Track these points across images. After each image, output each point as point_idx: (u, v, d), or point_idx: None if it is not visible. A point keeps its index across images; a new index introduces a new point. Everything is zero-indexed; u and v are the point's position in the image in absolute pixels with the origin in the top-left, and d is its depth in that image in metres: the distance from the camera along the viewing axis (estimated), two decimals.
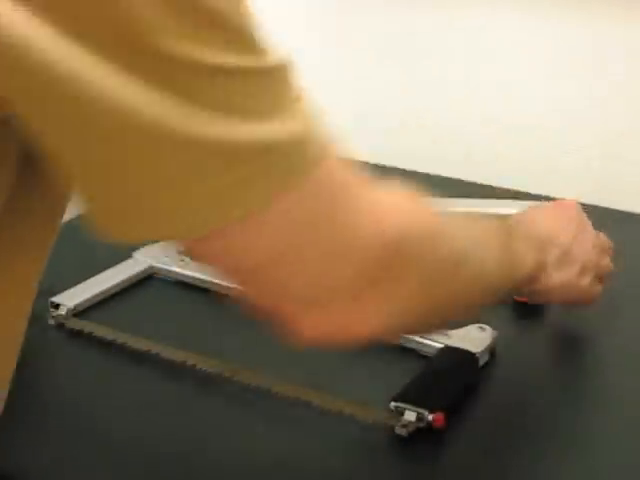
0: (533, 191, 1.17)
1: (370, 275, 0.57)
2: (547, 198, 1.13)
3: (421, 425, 0.75)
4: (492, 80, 1.20)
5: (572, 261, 0.84)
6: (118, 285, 0.96)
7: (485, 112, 1.21)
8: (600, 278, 0.88)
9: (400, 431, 0.75)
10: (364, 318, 0.59)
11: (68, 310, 0.91)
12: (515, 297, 0.93)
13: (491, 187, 1.19)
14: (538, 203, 1.09)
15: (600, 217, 1.11)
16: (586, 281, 0.85)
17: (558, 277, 0.83)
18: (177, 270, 0.99)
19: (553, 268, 0.82)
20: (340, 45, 1.29)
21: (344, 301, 0.58)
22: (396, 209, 0.59)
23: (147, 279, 0.99)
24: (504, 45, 1.18)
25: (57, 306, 0.91)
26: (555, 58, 1.16)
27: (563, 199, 1.09)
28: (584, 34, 1.13)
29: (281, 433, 0.78)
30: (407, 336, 0.86)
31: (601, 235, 0.90)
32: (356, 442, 0.76)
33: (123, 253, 1.00)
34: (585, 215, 0.89)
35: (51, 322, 0.91)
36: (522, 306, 0.93)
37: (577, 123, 1.17)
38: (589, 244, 0.87)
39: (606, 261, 0.90)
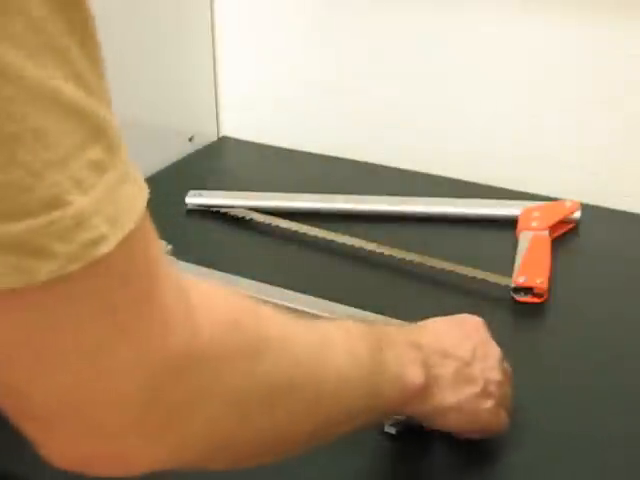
0: (533, 191, 1.17)
1: (142, 395, 0.45)
2: (547, 198, 1.14)
3: (410, 423, 0.76)
4: (491, 80, 1.20)
5: (472, 379, 0.71)
6: None
7: (485, 112, 1.22)
8: (504, 406, 0.74)
9: (389, 429, 0.76)
10: (137, 446, 0.47)
11: None
12: (516, 297, 0.94)
13: (491, 187, 1.20)
14: (537, 203, 1.10)
15: (601, 217, 1.12)
16: (488, 405, 0.72)
17: (454, 396, 0.70)
18: None
19: (448, 385, 0.69)
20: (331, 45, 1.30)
21: (107, 422, 0.45)
22: (204, 314, 0.48)
23: None
24: (503, 44, 1.18)
25: None
26: (555, 57, 1.16)
27: (564, 200, 1.11)
28: (584, 33, 1.13)
29: None
30: None
31: (505, 362, 0.76)
32: (346, 440, 0.74)
33: None
34: (489, 333, 0.76)
35: None
36: (522, 306, 0.94)
37: (578, 123, 1.17)
38: (493, 362, 0.73)
39: (508, 389, 0.75)
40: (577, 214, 1.09)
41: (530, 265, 0.97)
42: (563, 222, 1.08)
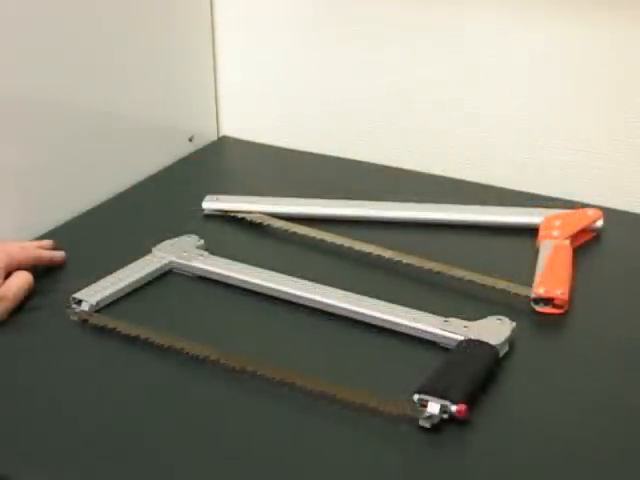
0: (534, 191, 1.22)
1: None
2: (548, 198, 1.19)
3: (444, 416, 0.81)
4: (494, 80, 1.25)
5: None
6: (138, 281, 1.01)
7: (487, 112, 1.26)
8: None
9: (424, 423, 0.80)
10: None
11: (90, 306, 0.96)
12: (536, 308, 0.98)
13: (492, 188, 1.24)
14: (559, 211, 1.13)
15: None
16: None
17: None
18: (196, 265, 1.04)
19: None
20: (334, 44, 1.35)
21: None
22: None
23: (166, 274, 1.04)
24: (506, 44, 1.23)
25: (79, 302, 0.96)
26: (556, 58, 1.21)
27: (586, 208, 1.14)
28: (584, 33, 1.18)
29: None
30: (428, 329, 0.92)
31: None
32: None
33: (142, 249, 1.06)
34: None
35: (74, 318, 0.96)
36: (543, 316, 0.98)
37: (579, 124, 1.21)
38: None
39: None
40: (599, 223, 1.12)
41: (551, 275, 1.00)
42: (585, 231, 1.11)
